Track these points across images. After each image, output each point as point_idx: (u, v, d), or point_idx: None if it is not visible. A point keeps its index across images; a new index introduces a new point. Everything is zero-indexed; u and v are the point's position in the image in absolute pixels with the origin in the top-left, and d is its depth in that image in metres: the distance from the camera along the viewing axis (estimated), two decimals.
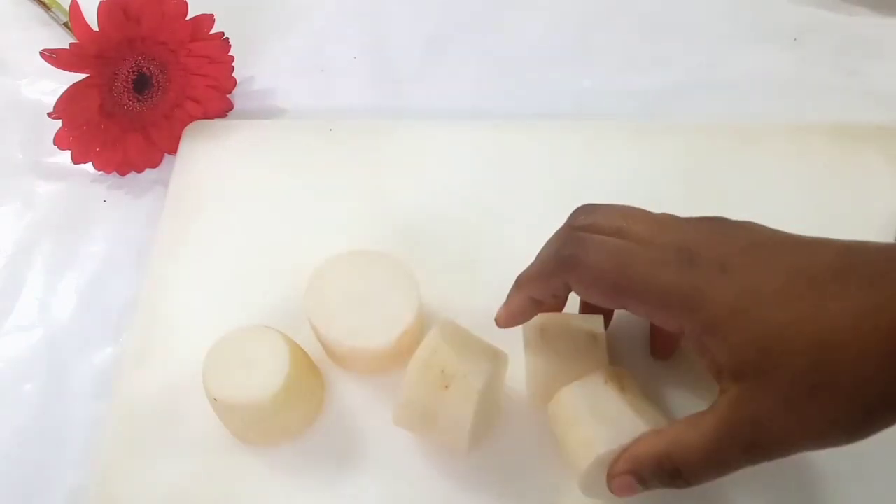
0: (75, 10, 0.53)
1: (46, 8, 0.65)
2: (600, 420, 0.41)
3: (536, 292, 0.42)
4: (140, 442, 0.47)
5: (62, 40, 0.54)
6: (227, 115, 0.62)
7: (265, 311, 0.50)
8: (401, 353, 0.46)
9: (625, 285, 0.38)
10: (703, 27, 0.67)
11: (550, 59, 0.65)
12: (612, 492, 0.40)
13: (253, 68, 0.65)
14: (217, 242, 0.54)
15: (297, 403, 0.46)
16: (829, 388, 0.33)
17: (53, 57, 0.53)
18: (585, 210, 0.41)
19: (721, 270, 0.36)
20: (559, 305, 0.45)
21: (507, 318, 0.43)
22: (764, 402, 0.34)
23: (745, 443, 0.35)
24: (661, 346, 0.47)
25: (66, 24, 0.63)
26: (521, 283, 0.43)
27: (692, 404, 0.45)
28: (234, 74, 0.61)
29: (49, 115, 0.54)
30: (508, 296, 0.44)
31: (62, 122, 0.55)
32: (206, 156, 0.58)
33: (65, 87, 0.54)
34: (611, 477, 0.40)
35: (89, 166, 0.58)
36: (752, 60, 0.64)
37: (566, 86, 0.64)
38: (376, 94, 0.64)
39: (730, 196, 0.54)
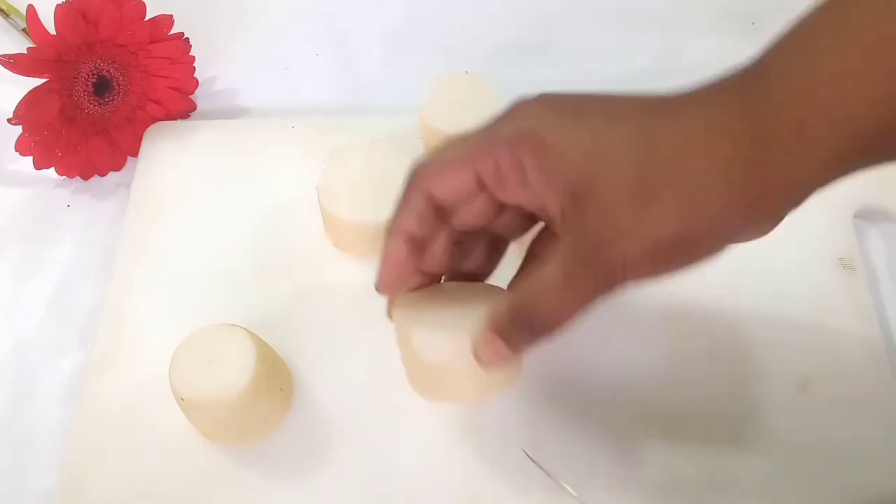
0: (32, 13, 0.53)
1: (5, 15, 0.65)
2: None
3: (408, 223, 0.39)
4: (109, 444, 0.47)
5: (22, 46, 0.54)
6: (189, 116, 0.62)
7: (230, 311, 0.50)
8: None
9: (469, 156, 0.38)
10: (662, 15, 0.67)
11: (513, 51, 0.66)
12: (485, 362, 0.39)
13: (215, 68, 0.64)
14: (181, 243, 0.54)
15: (264, 401, 0.46)
16: (658, 203, 0.34)
17: (11, 62, 0.53)
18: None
19: (541, 108, 0.36)
20: (439, 248, 0.42)
21: (389, 275, 0.41)
22: (603, 233, 0.35)
23: (592, 267, 0.35)
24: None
25: (24, 31, 0.63)
26: (390, 227, 0.40)
27: None
28: (195, 75, 0.61)
29: (9, 120, 0.54)
30: (382, 252, 0.41)
31: (22, 128, 0.55)
32: (168, 157, 0.58)
33: (24, 93, 0.53)
34: (478, 347, 0.39)
35: (52, 171, 0.57)
36: (712, 46, 0.65)
37: (529, 77, 0.64)
38: (339, 90, 0.64)
39: None
